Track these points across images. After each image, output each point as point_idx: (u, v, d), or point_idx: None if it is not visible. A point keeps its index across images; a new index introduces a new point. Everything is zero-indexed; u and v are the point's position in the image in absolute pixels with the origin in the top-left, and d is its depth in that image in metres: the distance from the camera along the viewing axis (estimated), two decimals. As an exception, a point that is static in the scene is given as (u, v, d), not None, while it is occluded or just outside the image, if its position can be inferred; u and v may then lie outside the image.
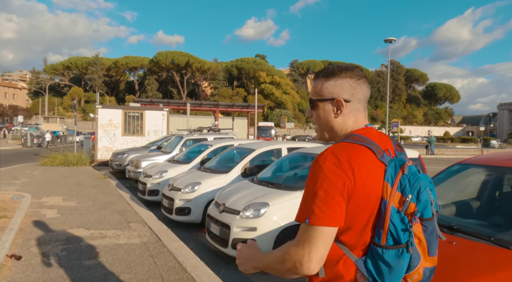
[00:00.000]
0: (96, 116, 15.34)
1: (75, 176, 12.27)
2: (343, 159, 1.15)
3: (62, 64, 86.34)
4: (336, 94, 1.29)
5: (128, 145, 15.60)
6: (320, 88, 1.32)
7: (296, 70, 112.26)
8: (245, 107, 28.43)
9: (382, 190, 1.19)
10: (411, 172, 1.22)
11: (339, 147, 1.21)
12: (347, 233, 1.19)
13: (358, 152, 1.20)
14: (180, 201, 6.29)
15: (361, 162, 1.17)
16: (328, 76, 1.31)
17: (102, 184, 10.60)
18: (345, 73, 1.30)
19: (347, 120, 1.30)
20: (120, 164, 12.63)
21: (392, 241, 1.17)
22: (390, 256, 1.17)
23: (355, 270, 1.19)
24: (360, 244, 1.20)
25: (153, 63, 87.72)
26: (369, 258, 1.19)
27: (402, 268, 1.18)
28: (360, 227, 1.19)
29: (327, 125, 1.33)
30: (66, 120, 66.99)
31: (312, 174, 1.17)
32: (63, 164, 15.30)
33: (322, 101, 1.31)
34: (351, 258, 1.20)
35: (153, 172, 8.25)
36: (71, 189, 9.52)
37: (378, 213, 1.19)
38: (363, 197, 1.16)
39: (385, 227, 1.17)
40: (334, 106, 1.30)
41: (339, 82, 1.30)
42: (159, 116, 16.01)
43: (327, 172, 1.14)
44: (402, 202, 1.18)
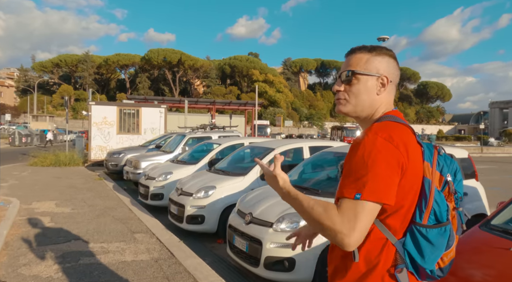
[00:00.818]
0: (90, 114, 14.43)
1: (68, 177, 11.38)
2: (396, 135, 1.14)
3: (51, 62, 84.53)
4: (382, 71, 1.27)
5: (123, 144, 14.71)
6: (366, 62, 1.28)
7: (289, 69, 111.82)
8: (242, 105, 27.64)
9: (424, 170, 1.18)
10: (443, 153, 1.25)
11: (385, 125, 1.19)
12: (395, 215, 1.16)
13: (404, 131, 1.19)
14: (192, 207, 5.50)
15: (409, 140, 1.17)
16: (375, 52, 1.29)
17: (98, 186, 9.75)
18: (388, 53, 1.30)
19: (386, 99, 1.29)
20: (116, 164, 11.77)
21: (434, 220, 1.16)
22: (433, 235, 1.15)
23: (395, 252, 1.16)
24: (401, 226, 1.17)
25: (145, 60, 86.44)
26: (409, 239, 1.16)
27: (443, 246, 1.18)
28: (406, 208, 1.17)
29: (366, 101, 1.28)
30: (55, 119, 65.44)
31: (360, 148, 1.13)
32: (54, 164, 14.37)
33: (367, 75, 1.27)
34: (391, 240, 1.16)
35: (157, 174, 7.44)
36: (64, 192, 8.66)
37: (420, 192, 1.18)
38: (412, 178, 1.15)
39: (428, 206, 1.16)
40: (379, 82, 1.27)
41: (385, 60, 1.28)
42: (156, 114, 15.16)
43: (379, 146, 1.11)
44: (442, 182, 1.20)
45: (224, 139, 8.46)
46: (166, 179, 7.24)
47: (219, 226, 5.41)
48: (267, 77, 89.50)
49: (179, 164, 7.83)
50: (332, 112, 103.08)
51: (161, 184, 7.21)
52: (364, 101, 1.28)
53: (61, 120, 65.20)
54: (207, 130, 10.36)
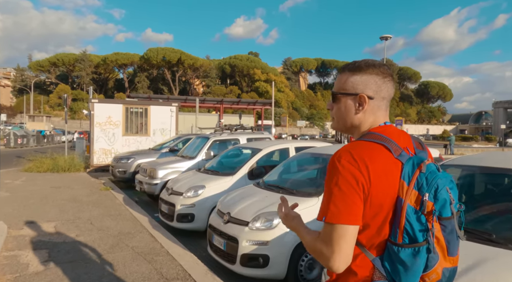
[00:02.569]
0: (92, 113, 12.79)
1: (68, 186, 9.76)
2: (358, 157, 1.14)
3: (48, 61, 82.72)
4: (360, 90, 1.26)
5: (130, 147, 13.09)
6: (345, 82, 1.29)
7: (289, 68, 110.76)
8: (252, 103, 26.06)
9: (398, 188, 1.17)
10: (429, 170, 1.19)
11: (354, 145, 1.20)
12: (364, 233, 1.17)
13: (373, 150, 1.18)
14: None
15: (376, 160, 1.15)
16: (354, 70, 1.28)
17: (105, 199, 8.13)
18: (371, 69, 1.27)
19: (368, 117, 1.28)
20: (124, 171, 10.16)
21: (408, 240, 1.14)
22: (406, 255, 1.14)
23: (372, 268, 1.18)
24: (377, 243, 1.18)
25: (144, 60, 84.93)
26: (385, 256, 1.18)
27: (418, 267, 1.15)
28: (377, 227, 1.17)
29: (346, 120, 1.30)
30: (53, 119, 63.69)
31: (328, 172, 1.17)
32: (51, 170, 12.72)
33: (345, 95, 1.29)
34: (368, 256, 1.18)
35: (184, 188, 5.85)
36: (65, 208, 7.05)
37: (394, 211, 1.17)
38: (380, 196, 1.15)
39: (400, 225, 1.15)
40: (356, 102, 1.27)
41: (364, 78, 1.26)
42: (167, 113, 13.54)
43: (341, 170, 1.13)
44: (419, 201, 1.16)
45: (263, 143, 6.87)
46: (197, 194, 5.65)
47: None
48: (269, 76, 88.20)
49: (211, 174, 6.23)
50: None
51: (191, 202, 5.62)
52: (344, 119, 1.30)
53: (58, 120, 63.48)
54: (233, 132, 8.79)
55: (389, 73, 1.29)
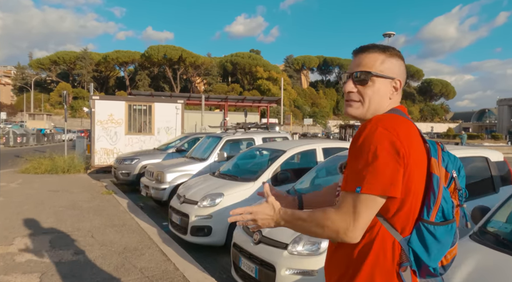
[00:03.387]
0: (93, 110, 12.02)
1: (67, 189, 9.00)
2: (397, 126, 1.09)
3: (49, 59, 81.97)
4: (396, 74, 1.23)
5: (133, 146, 12.32)
6: (381, 63, 1.22)
7: (291, 66, 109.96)
8: (257, 101, 25.27)
9: (431, 166, 1.14)
10: (446, 150, 1.23)
11: (387, 116, 1.15)
12: (400, 213, 1.11)
13: (406, 123, 1.15)
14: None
15: (411, 133, 1.13)
16: (389, 52, 1.24)
17: (107, 205, 7.37)
18: (399, 54, 1.26)
19: (393, 102, 1.24)
20: (128, 173, 9.40)
21: (441, 217, 1.12)
22: (441, 232, 1.11)
23: (401, 251, 1.12)
24: (409, 224, 1.13)
25: (145, 58, 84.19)
26: (415, 236, 1.12)
27: (449, 243, 1.15)
28: (411, 204, 1.12)
29: (378, 105, 1.22)
30: (53, 117, 63.05)
31: (360, 140, 1.09)
32: (50, 171, 11.96)
33: (383, 77, 1.21)
34: (396, 238, 1.12)
35: (199, 195, 5.08)
36: (63, 217, 6.29)
37: (426, 189, 1.13)
38: (416, 171, 1.10)
39: (437, 203, 1.11)
40: (391, 86, 1.23)
41: (399, 63, 1.25)
42: (172, 110, 12.75)
43: (380, 137, 1.06)
44: (448, 178, 1.18)
45: (282, 144, 6.09)
46: (214, 204, 4.88)
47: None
48: (271, 74, 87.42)
49: (228, 180, 5.45)
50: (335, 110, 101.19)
51: (208, 212, 4.85)
52: (377, 104, 1.23)
53: (59, 119, 62.81)
54: (248, 131, 8.01)
55: None
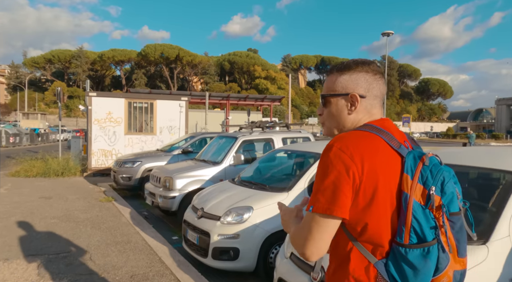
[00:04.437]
0: (89, 108, 11.05)
1: (61, 196, 8.05)
2: (350, 145, 1.07)
3: (43, 58, 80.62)
4: (350, 89, 1.20)
5: (133, 147, 11.37)
6: (334, 83, 1.23)
7: (289, 65, 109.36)
8: (260, 100, 24.36)
9: (402, 183, 1.08)
10: (433, 162, 1.11)
11: (347, 134, 1.15)
12: (367, 232, 1.08)
13: (368, 139, 1.11)
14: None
15: (372, 150, 1.08)
16: (343, 70, 1.22)
17: (107, 215, 6.44)
18: (361, 67, 1.21)
19: (361, 117, 1.20)
20: (129, 177, 8.46)
21: (416, 239, 1.04)
22: (414, 256, 1.04)
23: (376, 274, 1.07)
24: (381, 245, 1.08)
25: (141, 56, 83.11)
26: (390, 260, 1.07)
27: (428, 269, 1.05)
28: (378, 224, 1.07)
29: (339, 123, 1.23)
30: (48, 116, 61.81)
31: (320, 161, 1.11)
32: (43, 174, 10.99)
33: (335, 96, 1.22)
34: (370, 260, 1.08)
35: (222, 210, 4.16)
36: (55, 231, 5.35)
37: (398, 209, 1.08)
38: (376, 188, 1.06)
39: (407, 223, 1.05)
40: (348, 102, 1.21)
41: (354, 77, 1.20)
42: (175, 108, 11.80)
43: (332, 158, 1.07)
44: (425, 195, 1.07)
45: (314, 146, 5.18)
46: (242, 219, 3.97)
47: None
48: (269, 73, 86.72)
49: (255, 189, 4.54)
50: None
51: (234, 231, 3.93)
52: (336, 122, 1.23)
53: (53, 118, 61.63)
54: (266, 131, 7.10)
55: (378, 70, 1.23)
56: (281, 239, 4.06)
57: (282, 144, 6.99)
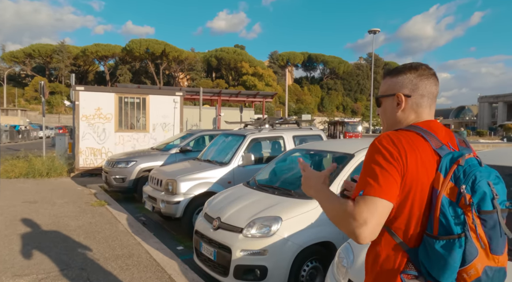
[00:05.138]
0: (77, 103, 10.25)
1: (48, 200, 7.31)
2: (397, 141, 1.19)
3: (23, 52, 77.95)
4: (396, 90, 1.33)
5: (124, 145, 10.63)
6: (384, 86, 1.38)
7: (276, 62, 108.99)
8: (252, 96, 23.74)
9: (435, 180, 1.17)
10: (469, 163, 1.18)
11: (394, 131, 1.25)
12: (398, 219, 1.19)
13: (412, 138, 1.21)
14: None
15: (414, 148, 1.18)
16: (392, 74, 1.37)
17: (102, 222, 5.77)
18: (408, 70, 1.33)
19: (408, 114, 1.32)
20: (123, 179, 7.76)
21: (443, 232, 1.13)
22: (440, 247, 1.12)
23: (407, 259, 1.18)
24: (413, 234, 1.19)
25: (126, 51, 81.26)
26: (421, 248, 1.17)
27: (454, 260, 1.12)
28: (409, 214, 1.18)
29: (390, 120, 1.36)
30: (28, 113, 59.72)
31: (369, 153, 1.22)
32: (26, 175, 10.17)
33: (384, 97, 1.37)
34: (402, 247, 1.19)
35: (243, 219, 3.56)
36: (42, 244, 4.66)
37: (430, 203, 1.18)
38: (412, 183, 1.16)
39: (435, 216, 1.14)
40: (395, 101, 1.33)
41: (400, 79, 1.33)
42: (169, 104, 11.09)
43: (382, 149, 1.18)
44: (456, 193, 1.15)
45: (342, 145, 4.63)
46: (269, 232, 3.38)
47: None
48: (257, 70, 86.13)
49: (278, 195, 3.96)
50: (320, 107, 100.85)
51: (261, 246, 3.34)
52: (388, 119, 1.37)
53: (34, 114, 59.65)
54: (276, 128, 6.51)
55: (427, 72, 1.32)
56: (314, 254, 3.51)
57: (292, 142, 6.43)
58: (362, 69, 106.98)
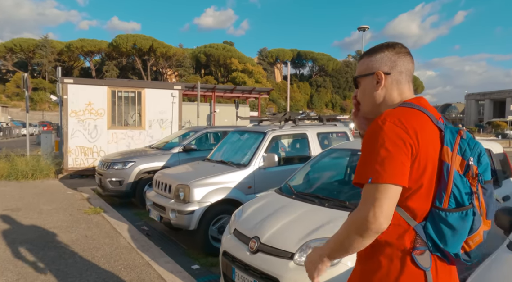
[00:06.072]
0: (65, 97, 9.25)
1: (33, 207, 6.37)
2: (404, 119, 1.15)
3: (4, 46, 75.36)
4: (375, 68, 1.31)
5: (118, 143, 9.69)
6: (362, 66, 1.35)
7: (265, 59, 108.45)
8: (247, 92, 22.88)
9: (442, 154, 1.18)
10: (469, 136, 1.22)
11: (397, 110, 1.21)
12: (413, 198, 1.16)
13: (415, 114, 1.20)
14: None
15: (420, 124, 1.17)
16: (369, 53, 1.34)
17: (99, 234, 4.89)
18: (385, 48, 1.32)
19: (390, 92, 1.30)
20: (120, 182, 6.86)
21: (454, 204, 1.15)
22: (454, 219, 1.14)
23: (415, 235, 1.17)
24: (423, 209, 1.17)
25: (112, 47, 79.43)
26: (429, 222, 1.16)
27: (465, 230, 1.16)
28: (425, 190, 1.17)
29: (370, 99, 1.33)
30: (10, 109, 57.61)
31: (370, 134, 1.17)
32: (8, 177, 9.15)
33: (363, 77, 1.34)
34: (410, 223, 1.17)
35: (291, 241, 2.73)
36: (27, 268, 3.78)
37: (439, 176, 1.17)
38: (426, 158, 1.15)
39: (448, 190, 1.15)
40: (374, 80, 1.31)
41: (378, 57, 1.31)
42: (167, 98, 10.18)
43: (387, 130, 1.13)
44: (464, 165, 1.17)
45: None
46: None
47: None
48: (246, 66, 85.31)
49: (333, 208, 3.14)
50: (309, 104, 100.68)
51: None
52: (368, 99, 1.33)
53: (16, 111, 57.63)
54: (298, 124, 5.70)
55: (403, 50, 1.33)
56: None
57: (317, 140, 5.65)
58: (350, 66, 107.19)
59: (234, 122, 19.61)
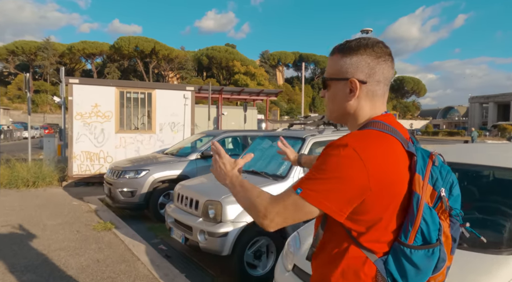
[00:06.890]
0: (70, 99, 8.55)
1: (36, 221, 5.65)
2: (368, 148, 0.99)
3: (5, 49, 75.04)
4: (350, 74, 1.11)
5: (127, 148, 8.97)
6: (334, 65, 1.15)
7: (267, 62, 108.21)
8: (255, 94, 22.17)
9: (414, 183, 1.03)
10: (440, 163, 1.10)
11: (361, 136, 1.04)
12: (371, 233, 1.03)
13: (384, 142, 1.04)
14: None
15: (388, 153, 1.02)
16: (344, 52, 1.13)
17: (113, 258, 4.17)
18: (363, 49, 1.10)
19: (363, 104, 1.12)
20: (132, 192, 6.14)
21: (421, 240, 1.02)
22: (419, 257, 1.01)
23: (376, 271, 1.04)
24: (384, 244, 1.05)
25: (114, 49, 78.95)
26: (392, 258, 1.03)
27: (429, 269, 1.05)
28: (387, 226, 1.04)
29: (340, 108, 1.15)
30: (12, 112, 56.99)
31: (328, 152, 1.02)
32: (8, 185, 8.43)
33: (334, 80, 1.15)
34: (371, 258, 1.05)
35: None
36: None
37: (406, 208, 1.04)
38: (387, 192, 1.01)
39: (415, 225, 1.01)
40: (347, 87, 1.12)
41: (354, 60, 1.11)
42: (179, 100, 9.47)
43: (345, 158, 0.98)
44: (434, 197, 1.05)
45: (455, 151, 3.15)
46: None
47: None
48: (249, 69, 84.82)
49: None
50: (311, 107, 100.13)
51: None
52: (337, 107, 1.16)
53: (18, 114, 57.03)
54: (339, 129, 5.00)
55: (385, 52, 1.11)
56: None
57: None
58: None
59: (241, 126, 18.95)
